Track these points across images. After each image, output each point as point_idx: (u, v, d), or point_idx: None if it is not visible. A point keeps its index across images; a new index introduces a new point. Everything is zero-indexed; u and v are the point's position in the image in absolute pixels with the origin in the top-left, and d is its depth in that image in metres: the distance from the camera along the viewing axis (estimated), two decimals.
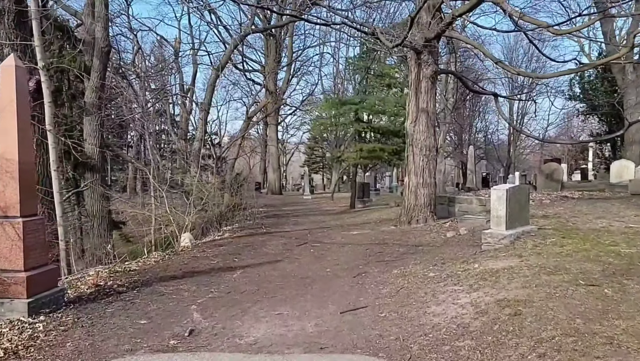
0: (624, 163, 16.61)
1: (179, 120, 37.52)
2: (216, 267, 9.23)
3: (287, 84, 39.60)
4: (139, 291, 7.29)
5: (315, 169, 60.50)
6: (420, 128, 13.61)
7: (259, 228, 15.69)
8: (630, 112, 18.95)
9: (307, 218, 19.68)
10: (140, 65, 32.99)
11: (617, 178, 16.45)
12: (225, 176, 21.77)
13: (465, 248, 9.32)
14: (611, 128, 21.91)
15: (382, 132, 23.19)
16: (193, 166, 18.57)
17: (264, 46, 38.90)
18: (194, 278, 8.20)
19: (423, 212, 13.60)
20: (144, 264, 9.53)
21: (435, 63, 13.77)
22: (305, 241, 12.58)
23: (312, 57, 42.16)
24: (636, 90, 18.86)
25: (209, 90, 19.79)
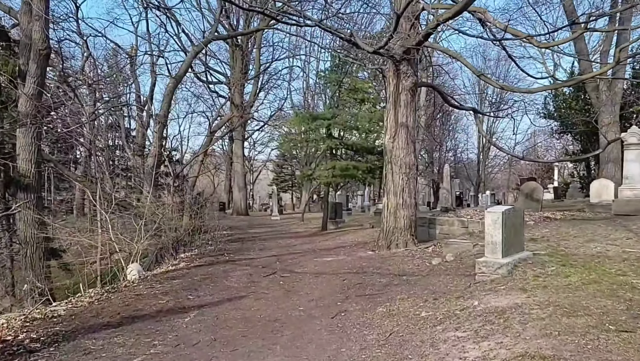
0: (604, 183, 16.02)
1: (135, 134, 36.01)
2: (165, 308, 7.89)
3: (255, 98, 38.42)
4: (58, 348, 5.86)
5: (284, 188, 59.34)
6: (399, 144, 12.60)
7: (221, 255, 14.38)
8: (605, 130, 18.51)
9: (275, 242, 18.43)
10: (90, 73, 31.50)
11: (596, 198, 15.80)
12: (185, 196, 20.43)
13: (456, 278, 8.28)
14: (585, 147, 21.50)
15: (356, 149, 22.18)
16: (146, 185, 17.18)
17: (229, 57, 37.75)
18: (134, 326, 6.83)
19: (403, 235, 12.53)
20: (75, 306, 8.14)
21: (415, 74, 12.82)
22: (273, 270, 11.36)
23: (281, 70, 41.17)
24: (611, 108, 18.52)
25: (167, 100, 18.48)
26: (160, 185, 22.22)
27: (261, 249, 16.20)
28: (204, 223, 19.26)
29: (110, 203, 14.67)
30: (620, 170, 18.27)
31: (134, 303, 8.27)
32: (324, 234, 20.62)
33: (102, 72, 36.98)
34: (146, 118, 30.75)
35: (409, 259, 10.80)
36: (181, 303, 8.36)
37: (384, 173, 12.99)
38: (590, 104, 21.32)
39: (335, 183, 23.09)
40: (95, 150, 17.62)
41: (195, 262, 13.36)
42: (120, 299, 8.64)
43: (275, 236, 21.16)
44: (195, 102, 41.87)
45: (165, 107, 18.69)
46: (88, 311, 7.79)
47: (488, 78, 12.40)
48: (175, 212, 17.70)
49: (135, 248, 13.43)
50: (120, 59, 38.06)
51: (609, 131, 18.28)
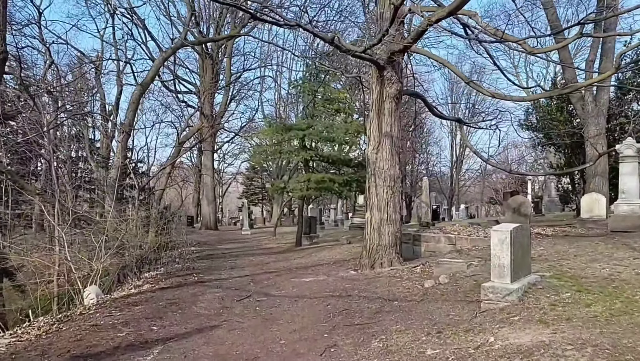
0: (595, 197, 15.28)
1: (100, 145, 34.54)
2: (124, 343, 6.75)
3: (225, 108, 37.28)
4: None
5: (253, 201, 58.09)
6: (383, 155, 11.70)
7: (190, 275, 13.23)
8: (591, 142, 17.94)
9: (247, 260, 17.33)
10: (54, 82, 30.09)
11: (587, 213, 15.06)
12: (151, 210, 19.19)
13: (456, 305, 7.35)
14: (569, 160, 20.91)
15: (332, 161, 21.23)
16: (108, 198, 15.94)
17: (199, 67, 36.58)
18: None
19: (388, 253, 11.60)
20: (20, 339, 6.97)
21: (400, 81, 11.97)
22: (248, 293, 10.27)
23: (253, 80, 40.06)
24: (597, 120, 17.96)
25: (132, 108, 17.29)
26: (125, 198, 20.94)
27: (233, 268, 15.10)
28: (171, 239, 18.07)
29: (67, 219, 13.48)
30: (607, 183, 17.70)
31: (88, 336, 7.10)
32: (298, 250, 19.59)
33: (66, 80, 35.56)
34: (111, 129, 29.36)
35: (397, 281, 9.84)
36: (143, 335, 7.23)
37: (367, 187, 12.06)
38: (575, 116, 20.80)
39: (309, 197, 22.07)
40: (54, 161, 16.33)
41: (160, 283, 12.18)
42: (73, 331, 7.46)
43: (247, 253, 20.06)
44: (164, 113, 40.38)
45: (131, 116, 17.49)
46: (33, 348, 6.61)
47: (478, 85, 11.64)
48: (140, 228, 16.48)
49: (95, 267, 12.28)
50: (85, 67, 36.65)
51: (595, 143, 17.71)
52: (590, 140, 17.70)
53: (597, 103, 18.03)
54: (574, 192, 21.64)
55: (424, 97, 13.01)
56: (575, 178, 21.46)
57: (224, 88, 36.40)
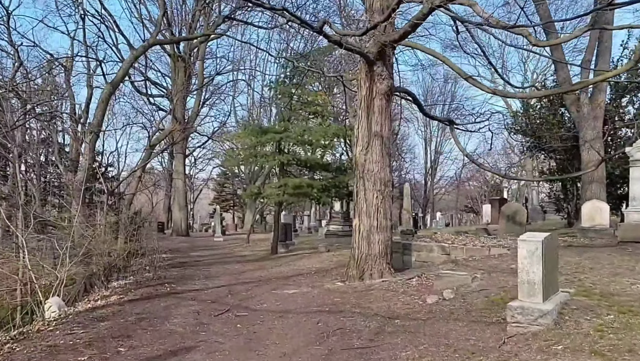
0: (597, 205, 14.40)
1: (69, 150, 33.04)
2: None
3: (197, 112, 36.00)
4: None
5: (225, 207, 56.70)
6: (373, 157, 10.80)
7: (161, 285, 12.10)
8: (587, 147, 17.24)
9: (222, 268, 16.23)
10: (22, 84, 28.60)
11: (589, 222, 14.20)
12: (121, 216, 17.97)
13: (474, 327, 6.43)
14: (562, 165, 20.22)
15: (310, 166, 20.27)
16: (74, 203, 14.71)
17: (171, 70, 35.29)
18: None
19: (378, 263, 10.67)
20: None
21: (391, 77, 11.08)
22: (226, 307, 9.22)
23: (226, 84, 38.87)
24: (593, 123, 17.21)
25: (101, 108, 16.09)
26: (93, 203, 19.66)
27: (207, 277, 14.01)
28: (142, 246, 16.87)
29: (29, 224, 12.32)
30: (604, 190, 17.05)
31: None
32: (274, 258, 18.55)
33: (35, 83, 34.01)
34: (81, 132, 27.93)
35: (392, 295, 8.91)
36: (109, 358, 6.16)
37: (355, 191, 11.14)
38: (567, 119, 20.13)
39: (286, 203, 21.08)
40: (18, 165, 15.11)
41: (129, 294, 11.04)
42: (27, 354, 6.34)
43: (221, 260, 18.94)
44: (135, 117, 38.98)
45: (99, 116, 16.29)
46: None
47: (477, 81, 10.82)
48: (108, 234, 15.30)
49: (58, 277, 11.16)
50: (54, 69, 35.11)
51: (591, 148, 17.05)
52: (590, 144, 16.95)
53: (593, 105, 17.38)
54: (565, 200, 20.96)
55: (414, 95, 12.17)
56: (567, 185, 20.78)
57: (196, 91, 35.16)
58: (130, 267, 14.94)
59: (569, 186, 20.68)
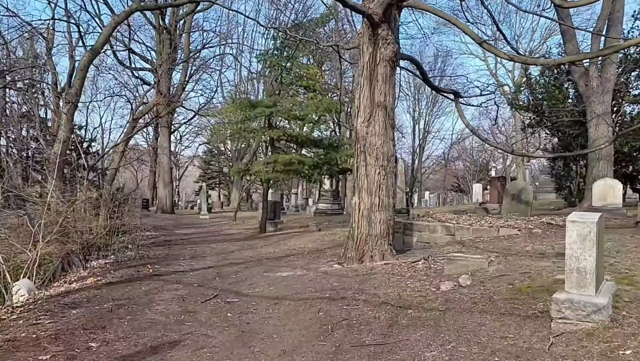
0: (610, 183, 13.43)
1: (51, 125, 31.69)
2: None
3: (183, 87, 34.55)
4: None
5: (211, 185, 55.60)
6: (375, 129, 9.77)
7: (143, 266, 11.06)
8: (594, 123, 16.24)
9: (209, 247, 15.23)
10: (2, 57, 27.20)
11: (601, 201, 13.25)
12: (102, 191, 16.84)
13: (506, 321, 5.45)
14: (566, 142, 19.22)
15: (301, 141, 19.23)
16: (49, 177, 13.55)
17: (155, 43, 33.80)
18: None
19: (379, 244, 9.70)
20: None
21: (396, 41, 10.01)
22: (214, 292, 8.23)
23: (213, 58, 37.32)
24: (602, 97, 16.18)
25: (80, 76, 14.81)
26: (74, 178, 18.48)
27: (193, 257, 13.00)
28: (124, 223, 15.79)
29: None
30: (612, 169, 16.13)
31: None
32: (263, 237, 17.58)
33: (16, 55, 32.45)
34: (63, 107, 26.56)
35: (398, 280, 7.94)
36: (77, 356, 5.16)
37: (355, 166, 10.11)
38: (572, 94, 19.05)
39: (275, 180, 20.07)
40: None
41: (109, 275, 10.01)
42: None
43: (208, 239, 17.94)
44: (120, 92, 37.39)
45: (78, 84, 15.02)
46: None
47: (492, 46, 9.78)
48: (88, 210, 14.21)
49: (29, 256, 10.11)
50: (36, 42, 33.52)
51: (599, 124, 16.08)
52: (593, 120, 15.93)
53: (602, 79, 16.36)
54: (568, 178, 20.01)
55: (420, 63, 11.13)
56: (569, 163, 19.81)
57: (182, 65, 33.69)
58: (111, 245, 13.86)
59: (572, 164, 19.75)
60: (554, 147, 21.35)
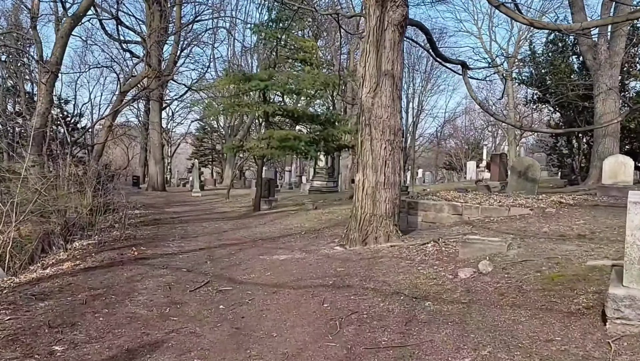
0: (621, 160, 12.43)
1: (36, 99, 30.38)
2: None
3: (175, 61, 33.15)
4: None
5: (203, 162, 54.41)
6: (382, 100, 8.76)
7: (128, 248, 10.08)
8: (602, 97, 15.32)
9: (200, 226, 14.28)
10: None
11: (611, 179, 12.24)
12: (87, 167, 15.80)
13: (546, 318, 4.56)
14: (570, 118, 18.29)
15: (297, 117, 18.15)
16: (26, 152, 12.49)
17: (145, 15, 32.36)
18: None
19: (385, 225, 8.77)
20: None
21: (406, 4, 8.97)
22: (205, 278, 7.29)
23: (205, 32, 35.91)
24: (610, 72, 15.22)
25: (60, 44, 13.58)
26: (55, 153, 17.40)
27: (183, 237, 12.05)
28: (107, 201, 14.78)
29: None
30: (618, 145, 15.22)
31: None
32: (257, 216, 16.64)
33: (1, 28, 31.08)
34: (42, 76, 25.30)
35: (408, 265, 7.00)
36: None
37: (359, 141, 9.11)
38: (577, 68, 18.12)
39: (270, 157, 19.05)
40: None
41: (89, 258, 9.03)
42: None
43: (199, 217, 16.95)
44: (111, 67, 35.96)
45: (58, 53, 13.86)
46: None
47: (511, 10, 8.74)
48: (72, 187, 13.22)
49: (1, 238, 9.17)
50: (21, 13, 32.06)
51: (607, 98, 15.14)
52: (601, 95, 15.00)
53: (611, 52, 15.38)
54: (571, 155, 19.11)
55: (428, 30, 10.08)
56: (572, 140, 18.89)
57: (173, 37, 32.28)
58: (96, 224, 12.87)
59: (575, 141, 18.84)
60: (557, 123, 20.41)
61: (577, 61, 18.22)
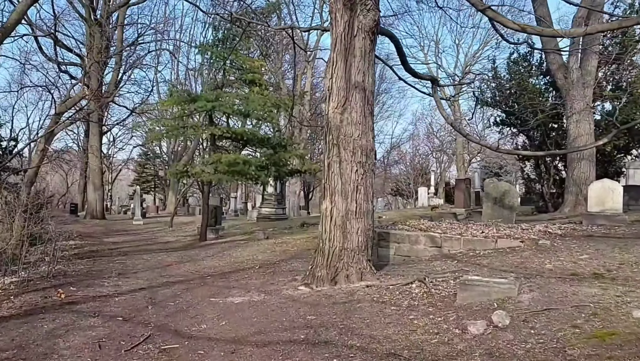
0: (608, 185, 11.43)
1: None
2: None
3: (116, 83, 31.12)
4: None
5: (146, 189, 51.91)
6: (353, 117, 7.59)
7: (56, 288, 8.43)
8: (575, 119, 14.63)
9: (141, 259, 12.67)
10: None
11: (598, 206, 11.28)
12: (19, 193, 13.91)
13: None
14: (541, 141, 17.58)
15: (246, 140, 16.82)
16: None
17: (85, 37, 30.35)
18: None
19: (357, 261, 7.51)
20: None
21: (377, 7, 7.90)
22: (145, 331, 5.81)
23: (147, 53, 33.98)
24: (583, 91, 14.56)
25: None
26: None
27: (121, 273, 10.45)
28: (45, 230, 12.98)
29: None
30: (594, 169, 14.52)
31: None
32: (204, 246, 15.13)
33: None
34: None
35: (394, 312, 5.74)
36: None
37: (326, 163, 7.86)
38: (543, 89, 17.42)
39: (217, 182, 17.56)
40: None
41: (5, 304, 7.36)
42: None
43: (141, 248, 15.29)
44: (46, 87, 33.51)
45: None
46: None
47: (499, 14, 7.79)
48: None
49: None
50: None
51: (581, 120, 14.50)
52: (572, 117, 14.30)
53: (583, 70, 14.77)
54: (540, 181, 18.41)
55: (398, 40, 9.05)
56: (541, 164, 18.17)
57: (115, 60, 30.36)
58: (20, 258, 11.06)
59: (543, 166, 18.16)
60: (523, 145, 19.80)
61: (543, 81, 17.71)
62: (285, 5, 19.03)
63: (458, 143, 42.74)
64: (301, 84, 33.73)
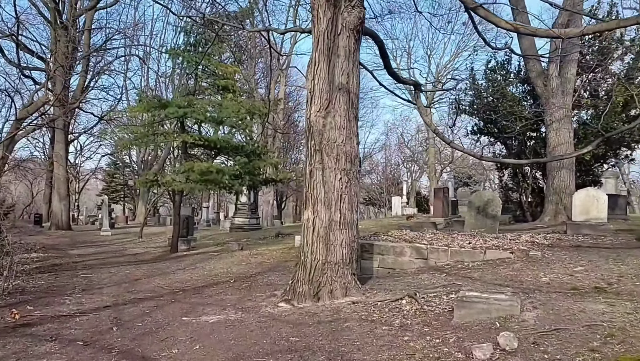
0: (593, 194, 11.10)
1: None
2: None
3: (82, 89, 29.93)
4: None
5: (115, 199, 50.48)
6: (336, 121, 7.06)
7: (10, 308, 7.65)
8: (555, 127, 14.36)
9: (108, 273, 11.87)
10: None
11: (583, 216, 10.95)
12: None
13: None
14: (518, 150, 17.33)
15: (220, 147, 16.15)
16: None
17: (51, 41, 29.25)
18: None
19: (342, 275, 6.96)
20: None
21: (362, 4, 7.41)
22: (109, 358, 5.14)
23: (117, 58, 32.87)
24: (563, 99, 14.29)
25: None
26: None
27: (85, 289, 9.69)
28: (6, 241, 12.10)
29: None
30: (574, 178, 14.24)
31: None
32: (175, 258, 14.37)
33: None
34: None
35: (387, 332, 5.19)
36: None
37: (307, 170, 7.29)
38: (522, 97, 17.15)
39: (189, 191, 16.81)
40: None
41: None
42: None
43: (108, 261, 14.45)
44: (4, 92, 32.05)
45: None
46: None
47: (490, 13, 7.35)
48: None
49: None
50: None
51: (560, 128, 14.22)
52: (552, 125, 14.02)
53: (563, 78, 14.51)
54: (519, 190, 18.14)
55: (382, 41, 8.56)
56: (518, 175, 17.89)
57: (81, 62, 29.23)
58: None
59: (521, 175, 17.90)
60: (501, 154, 19.55)
61: (522, 88, 17.48)
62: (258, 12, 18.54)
63: (430, 154, 42.68)
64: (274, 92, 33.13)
